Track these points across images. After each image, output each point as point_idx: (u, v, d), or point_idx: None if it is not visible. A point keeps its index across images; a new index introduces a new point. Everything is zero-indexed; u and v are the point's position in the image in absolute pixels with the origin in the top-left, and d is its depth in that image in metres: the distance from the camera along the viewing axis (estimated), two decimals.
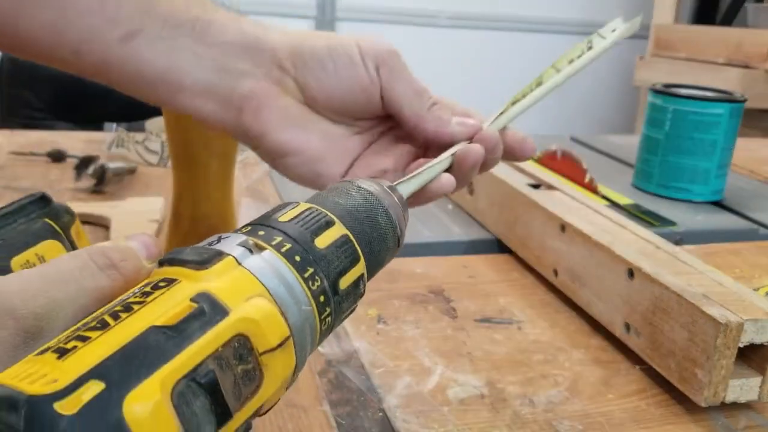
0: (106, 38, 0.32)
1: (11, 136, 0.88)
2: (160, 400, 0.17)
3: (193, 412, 0.18)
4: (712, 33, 1.94)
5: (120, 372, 0.17)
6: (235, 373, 0.19)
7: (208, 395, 0.18)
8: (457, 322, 0.48)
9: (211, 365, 0.19)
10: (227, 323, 0.19)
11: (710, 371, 0.37)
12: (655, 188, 0.78)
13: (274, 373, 0.21)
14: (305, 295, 0.22)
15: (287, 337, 0.21)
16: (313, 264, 0.23)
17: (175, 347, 0.18)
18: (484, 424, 0.37)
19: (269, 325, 0.20)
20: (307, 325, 0.22)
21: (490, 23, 2.38)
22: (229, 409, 0.19)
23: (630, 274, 0.44)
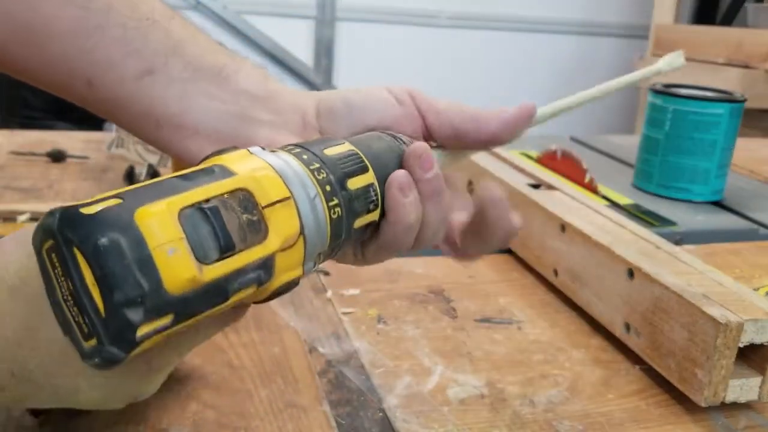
0: (121, 72, 0.32)
1: (11, 136, 0.88)
2: (165, 212, 0.21)
3: (197, 234, 0.22)
4: (712, 33, 1.94)
5: (135, 195, 0.22)
6: (239, 218, 0.23)
7: (211, 224, 0.22)
8: (457, 322, 0.48)
9: (215, 203, 0.22)
10: (233, 179, 0.24)
11: (710, 371, 0.37)
12: (655, 188, 0.78)
13: (278, 228, 0.24)
14: (308, 179, 0.26)
15: (287, 197, 0.25)
16: (319, 162, 0.27)
17: (184, 187, 0.22)
18: (484, 424, 0.37)
19: (270, 185, 0.24)
20: (312, 204, 0.26)
21: (490, 23, 2.38)
22: (233, 242, 0.22)
23: (630, 274, 0.44)
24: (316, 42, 2.24)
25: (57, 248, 0.21)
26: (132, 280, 0.20)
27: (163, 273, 0.21)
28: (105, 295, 0.20)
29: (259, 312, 0.47)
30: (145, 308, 0.20)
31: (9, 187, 0.68)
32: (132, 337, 0.21)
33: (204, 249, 0.22)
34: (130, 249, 0.20)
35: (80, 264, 0.21)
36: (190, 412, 0.36)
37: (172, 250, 0.21)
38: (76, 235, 0.20)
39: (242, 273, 0.23)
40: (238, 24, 2.14)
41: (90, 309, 0.21)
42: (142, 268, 0.20)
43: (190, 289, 0.21)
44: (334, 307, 0.48)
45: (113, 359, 0.21)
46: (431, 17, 2.32)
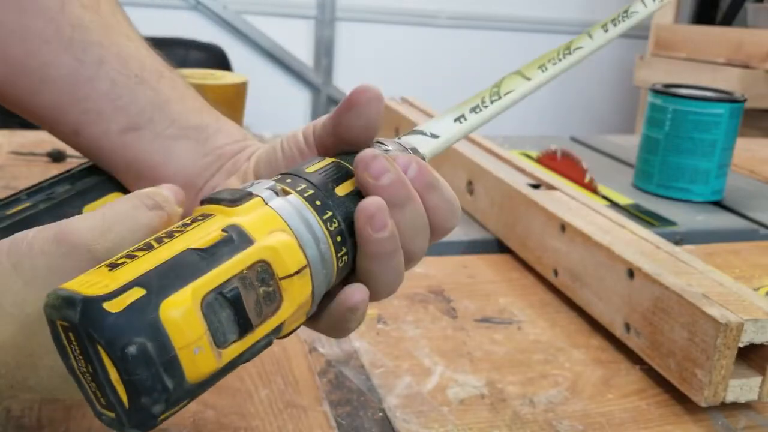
0: (107, 125, 0.33)
1: (11, 136, 0.88)
2: (191, 306, 0.21)
3: (219, 320, 0.21)
4: (712, 33, 1.94)
5: (159, 282, 0.21)
6: (257, 293, 0.23)
7: (232, 308, 0.22)
8: (457, 322, 0.48)
9: (236, 283, 0.22)
10: (252, 250, 0.23)
11: (710, 371, 0.37)
12: (655, 188, 0.78)
13: (292, 297, 0.24)
14: (323, 234, 0.25)
15: (304, 266, 0.24)
16: (332, 208, 0.26)
17: (207, 266, 0.22)
18: (484, 424, 0.37)
19: (288, 255, 0.24)
20: (324, 261, 0.25)
21: (489, 23, 2.38)
22: (251, 323, 0.22)
23: (630, 274, 0.44)
24: (316, 42, 2.24)
25: (76, 335, 0.21)
26: (159, 386, 0.20)
27: (187, 371, 0.21)
28: (131, 395, 0.20)
29: None
30: (168, 402, 0.21)
31: (9, 187, 0.68)
32: (153, 424, 0.21)
33: (224, 335, 0.22)
34: (157, 354, 0.20)
35: (105, 361, 0.20)
36: (190, 412, 0.36)
37: (198, 349, 0.21)
38: (102, 337, 0.20)
39: (257, 344, 0.23)
40: (238, 24, 2.13)
41: (113, 398, 0.21)
42: (168, 370, 0.20)
43: (210, 376, 0.21)
44: None
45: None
46: (431, 17, 2.32)
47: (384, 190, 0.27)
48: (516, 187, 0.59)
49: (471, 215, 0.67)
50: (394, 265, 0.28)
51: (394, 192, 0.27)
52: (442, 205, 0.29)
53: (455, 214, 0.30)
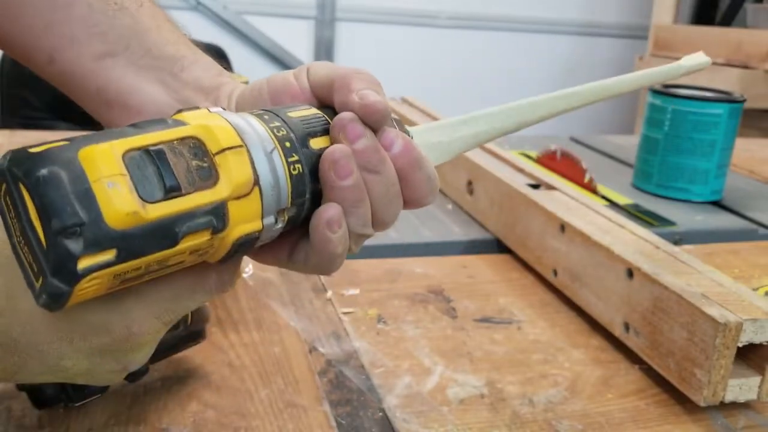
0: (82, 50, 0.33)
1: (11, 137, 0.88)
2: (109, 151, 0.22)
3: (143, 174, 0.22)
4: (712, 33, 1.95)
5: (84, 139, 0.22)
6: (188, 163, 0.23)
7: (155, 166, 0.22)
8: (456, 322, 0.48)
9: (162, 147, 0.23)
10: (183, 128, 0.24)
11: (709, 371, 0.37)
12: (654, 188, 0.78)
13: (229, 175, 0.24)
14: (266, 134, 0.26)
15: (239, 145, 0.25)
16: (280, 121, 0.27)
17: (134, 132, 0.23)
18: (483, 424, 0.37)
19: (221, 134, 0.24)
20: (269, 157, 0.25)
21: (489, 23, 2.38)
22: (179, 185, 0.23)
23: (629, 274, 0.44)
24: (316, 42, 2.24)
25: (8, 189, 0.22)
26: (69, 209, 0.20)
27: (102, 205, 0.21)
28: (45, 225, 0.21)
29: (260, 312, 0.47)
30: (85, 239, 0.21)
31: None
32: (73, 268, 0.21)
33: (148, 188, 0.22)
34: (69, 181, 0.21)
35: (25, 199, 0.21)
36: (191, 411, 0.36)
37: (112, 183, 0.21)
38: (21, 170, 0.21)
39: (191, 216, 0.23)
40: (239, 24, 2.13)
41: (35, 243, 0.21)
42: (80, 199, 0.21)
43: (133, 225, 0.21)
44: (334, 307, 0.49)
45: (57, 293, 0.21)
46: (431, 17, 2.32)
47: (357, 154, 0.27)
48: (516, 187, 0.59)
49: (471, 215, 0.68)
50: (360, 215, 0.28)
51: (367, 157, 0.27)
52: (422, 183, 0.30)
53: (433, 193, 0.31)
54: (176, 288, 0.27)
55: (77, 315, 0.25)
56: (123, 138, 0.22)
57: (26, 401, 0.35)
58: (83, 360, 0.26)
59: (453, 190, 0.72)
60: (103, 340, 0.26)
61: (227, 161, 0.24)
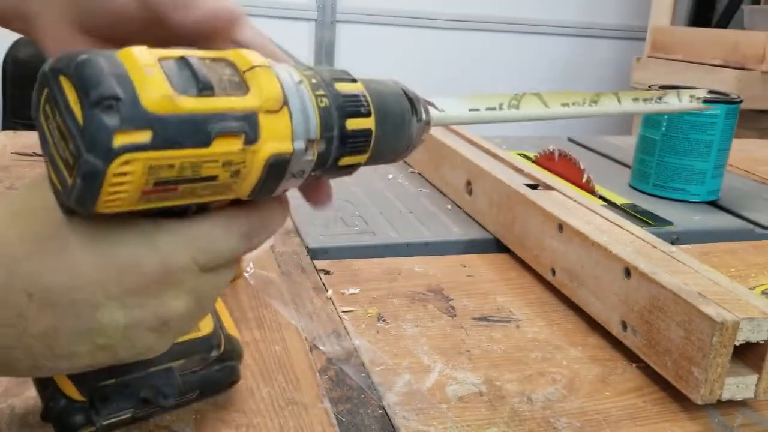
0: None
1: (14, 137, 0.88)
2: (145, 51, 0.23)
3: (177, 74, 0.23)
4: (709, 35, 1.95)
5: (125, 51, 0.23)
6: (221, 73, 0.24)
7: (190, 69, 0.23)
8: (455, 320, 0.48)
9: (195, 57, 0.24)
10: (216, 52, 0.25)
11: (706, 369, 0.37)
12: (651, 188, 0.78)
13: (259, 88, 0.25)
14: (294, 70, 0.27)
15: (264, 64, 0.25)
16: (307, 68, 0.28)
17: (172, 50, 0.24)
18: (482, 422, 0.37)
19: (249, 54, 0.25)
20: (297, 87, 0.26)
21: (489, 25, 2.39)
22: (210, 84, 0.23)
23: (627, 274, 0.45)
24: (316, 44, 2.24)
25: (50, 92, 0.22)
26: (107, 83, 0.21)
27: (138, 86, 0.22)
28: (82, 100, 0.21)
29: (261, 311, 0.47)
30: (121, 115, 0.21)
31: (12, 187, 0.69)
32: (108, 142, 0.21)
33: (182, 83, 0.23)
34: (107, 65, 0.22)
35: (64, 88, 0.22)
36: (192, 409, 0.36)
37: (149, 71, 0.22)
38: (62, 63, 0.22)
39: (223, 117, 0.23)
40: None
41: (72, 128, 0.22)
42: (117, 78, 0.21)
43: (168, 112, 0.22)
44: (334, 305, 0.49)
45: (92, 171, 0.21)
46: (431, 19, 2.32)
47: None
48: (514, 188, 0.59)
49: (470, 215, 0.68)
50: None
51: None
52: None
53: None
54: (208, 226, 0.27)
55: (108, 249, 0.24)
56: (160, 50, 0.23)
57: (29, 399, 0.35)
58: (118, 310, 0.25)
59: (452, 190, 0.72)
60: (137, 279, 0.25)
61: (257, 76, 0.25)
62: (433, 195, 0.74)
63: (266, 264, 0.54)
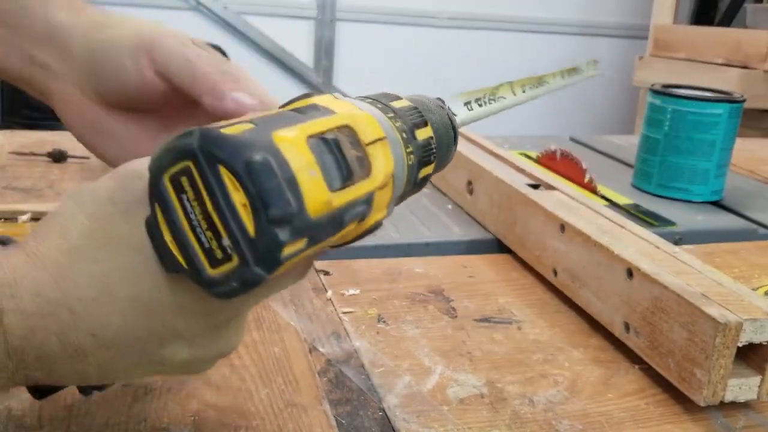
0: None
1: (12, 136, 0.88)
2: (299, 136, 0.22)
3: (324, 161, 0.22)
4: (711, 33, 1.95)
5: (265, 122, 0.23)
6: (350, 154, 0.24)
7: (333, 154, 0.23)
8: (456, 321, 0.48)
9: (337, 136, 0.23)
10: (338, 115, 0.25)
11: (709, 371, 0.37)
12: (654, 188, 0.78)
13: (379, 164, 0.25)
14: (389, 125, 0.27)
15: (383, 136, 0.26)
16: (391, 111, 0.28)
17: (305, 118, 0.23)
18: (483, 424, 0.37)
19: (368, 124, 0.25)
20: (396, 147, 0.27)
21: (489, 24, 2.38)
22: (352, 172, 0.23)
23: (629, 274, 0.44)
24: (316, 42, 2.24)
25: (193, 170, 0.21)
26: (285, 197, 0.20)
27: (305, 194, 0.21)
28: (257, 213, 0.20)
29: (260, 312, 0.47)
30: (292, 228, 0.21)
31: (10, 187, 0.69)
32: (278, 256, 0.21)
33: (330, 175, 0.22)
34: (279, 168, 0.21)
35: (226, 183, 0.21)
36: (191, 411, 0.36)
37: (313, 171, 0.22)
38: (224, 153, 0.20)
39: (355, 205, 0.24)
40: (239, 25, 2.14)
41: (236, 230, 0.21)
42: (290, 187, 0.21)
43: (324, 213, 0.22)
44: (334, 306, 0.49)
45: (255, 280, 0.21)
46: (431, 18, 2.32)
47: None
48: (516, 187, 0.59)
49: (471, 215, 0.68)
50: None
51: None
52: None
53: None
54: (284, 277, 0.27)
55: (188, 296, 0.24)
56: (300, 123, 0.23)
57: (26, 401, 0.35)
58: (184, 349, 0.25)
59: (453, 190, 0.72)
60: (209, 324, 0.25)
61: (377, 152, 0.25)
62: (434, 195, 0.74)
63: None
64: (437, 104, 0.33)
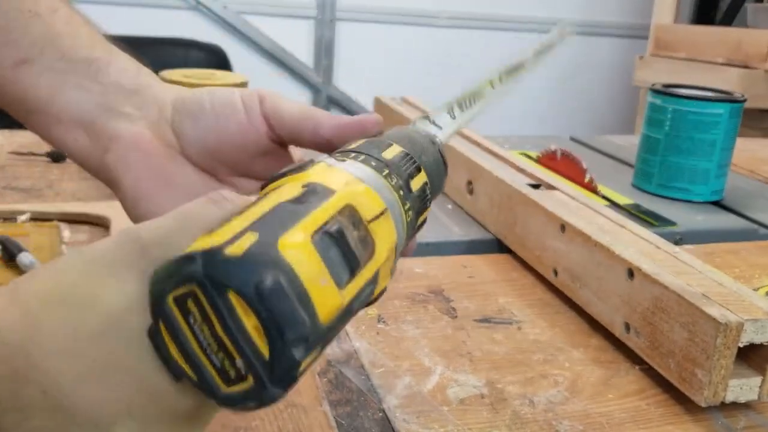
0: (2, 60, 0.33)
1: (11, 136, 0.88)
2: (306, 241, 0.21)
3: (330, 257, 0.21)
4: (712, 33, 1.94)
5: (267, 227, 0.21)
6: (353, 237, 0.23)
7: (338, 246, 0.22)
8: (456, 321, 0.48)
9: (336, 225, 0.22)
10: (337, 197, 0.23)
11: (710, 371, 0.37)
12: (654, 188, 0.78)
13: (382, 240, 0.24)
14: (386, 187, 0.26)
15: (384, 209, 0.25)
16: (384, 167, 0.27)
17: (304, 210, 0.22)
18: (483, 424, 0.37)
19: (369, 199, 0.25)
20: (396, 210, 0.26)
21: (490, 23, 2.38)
22: (359, 262, 0.22)
23: (630, 274, 0.44)
24: (316, 42, 2.24)
25: (200, 294, 0.20)
26: (299, 318, 0.20)
27: (318, 306, 0.20)
28: (272, 336, 0.20)
29: None
30: (307, 344, 0.20)
31: (9, 187, 0.68)
32: (295, 374, 0.20)
33: (338, 274, 0.22)
34: (290, 287, 0.20)
35: (237, 310, 0.20)
36: None
37: (324, 280, 0.21)
38: (232, 279, 0.20)
39: (363, 290, 0.23)
40: (238, 24, 2.13)
41: (250, 353, 0.20)
42: (303, 304, 0.20)
43: (336, 316, 0.21)
44: None
45: (273, 399, 0.20)
46: (431, 17, 2.32)
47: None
48: (516, 187, 0.59)
49: (471, 215, 0.68)
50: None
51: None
52: None
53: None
54: None
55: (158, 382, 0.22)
56: (302, 220, 0.22)
57: None
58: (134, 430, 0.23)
59: (453, 190, 0.72)
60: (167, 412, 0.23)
61: (380, 228, 0.24)
62: None
63: None
64: (426, 136, 0.32)
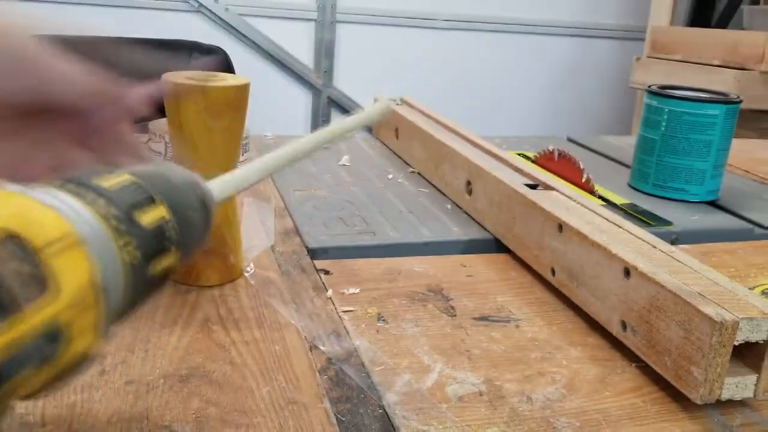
0: None
1: None
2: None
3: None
4: (708, 35, 1.95)
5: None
6: (8, 272, 0.18)
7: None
8: (455, 320, 0.48)
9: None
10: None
11: (706, 369, 0.38)
12: (651, 188, 0.78)
13: (67, 277, 0.19)
14: (88, 213, 0.21)
15: (70, 233, 0.19)
16: (93, 193, 0.22)
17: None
18: (482, 421, 0.37)
19: (45, 219, 0.19)
20: (101, 243, 0.21)
21: (488, 25, 2.39)
22: (12, 299, 0.17)
23: (626, 273, 0.45)
24: (316, 44, 2.24)
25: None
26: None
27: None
28: None
29: (261, 311, 0.47)
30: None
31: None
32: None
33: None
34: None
35: None
36: (192, 409, 0.36)
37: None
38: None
39: (24, 345, 0.18)
40: (240, 26, 2.14)
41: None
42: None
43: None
44: (334, 305, 0.49)
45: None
46: (430, 19, 2.32)
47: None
48: (514, 187, 0.60)
49: (469, 215, 0.68)
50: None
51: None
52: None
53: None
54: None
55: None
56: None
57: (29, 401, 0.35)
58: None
59: (452, 190, 0.73)
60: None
61: (63, 259, 0.19)
62: (433, 195, 0.74)
63: (266, 264, 0.55)
64: (187, 179, 0.27)
